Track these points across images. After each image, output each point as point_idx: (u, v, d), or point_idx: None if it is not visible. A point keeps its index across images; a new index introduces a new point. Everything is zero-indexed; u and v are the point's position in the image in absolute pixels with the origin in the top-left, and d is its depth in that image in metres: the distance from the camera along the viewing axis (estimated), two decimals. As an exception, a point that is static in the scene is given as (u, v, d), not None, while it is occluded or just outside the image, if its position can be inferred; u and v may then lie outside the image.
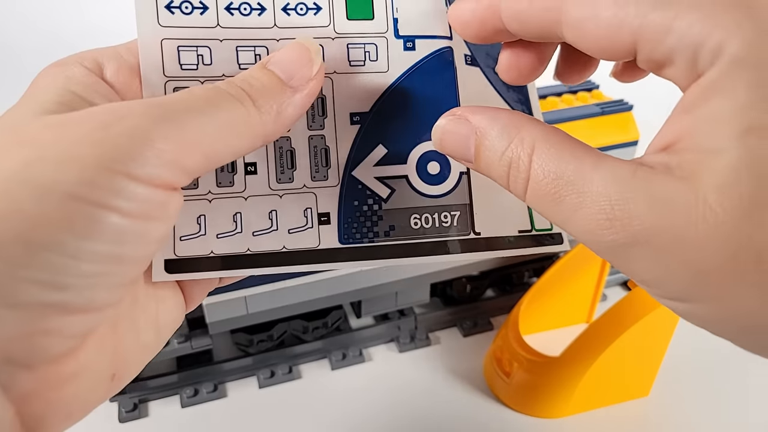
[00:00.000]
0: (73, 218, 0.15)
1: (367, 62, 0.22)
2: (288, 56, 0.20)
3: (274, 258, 0.21)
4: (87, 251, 0.16)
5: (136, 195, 0.16)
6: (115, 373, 0.20)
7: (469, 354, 0.46)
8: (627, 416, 0.41)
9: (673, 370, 0.43)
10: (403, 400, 0.42)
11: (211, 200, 0.21)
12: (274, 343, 0.44)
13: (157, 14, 0.20)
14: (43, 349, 0.16)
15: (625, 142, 0.45)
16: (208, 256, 0.21)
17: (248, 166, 0.22)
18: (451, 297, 0.49)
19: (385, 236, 0.22)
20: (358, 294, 0.43)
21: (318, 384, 0.44)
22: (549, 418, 0.41)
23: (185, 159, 0.17)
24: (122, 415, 0.41)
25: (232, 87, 0.19)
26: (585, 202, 0.17)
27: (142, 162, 0.16)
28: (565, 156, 0.17)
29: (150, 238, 0.17)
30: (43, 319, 0.16)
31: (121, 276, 0.17)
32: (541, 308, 0.46)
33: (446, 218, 0.22)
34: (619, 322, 0.37)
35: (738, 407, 0.42)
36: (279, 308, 0.41)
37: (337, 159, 0.22)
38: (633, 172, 0.16)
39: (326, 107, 0.22)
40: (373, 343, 0.46)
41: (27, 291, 0.15)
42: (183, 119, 0.17)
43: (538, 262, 0.49)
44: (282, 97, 0.19)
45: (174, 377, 0.42)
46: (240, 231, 0.21)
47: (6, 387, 0.16)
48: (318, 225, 0.22)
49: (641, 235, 0.16)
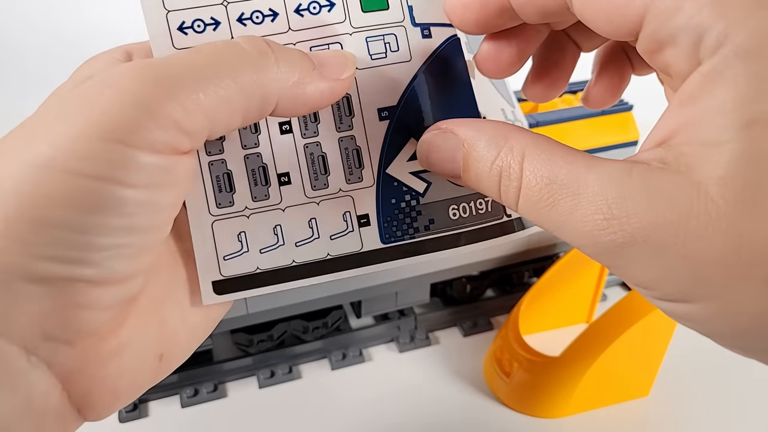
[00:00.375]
0: (74, 193, 0.15)
1: (388, 53, 0.22)
2: (324, 53, 0.20)
3: (320, 266, 0.21)
4: (95, 225, 0.16)
5: (137, 163, 0.16)
6: (162, 354, 0.20)
7: (469, 354, 0.46)
8: (627, 416, 0.41)
9: (673, 370, 0.43)
10: (403, 400, 0.42)
11: (249, 216, 0.21)
12: (274, 343, 0.44)
13: (171, 38, 0.20)
14: (79, 323, 0.16)
15: (625, 142, 0.45)
16: (254, 272, 0.21)
17: (281, 176, 0.21)
18: (451, 297, 0.49)
19: (425, 230, 0.22)
20: (358, 294, 0.43)
21: (318, 384, 0.44)
22: (549, 418, 0.41)
23: (186, 121, 0.16)
24: (122, 415, 0.41)
25: (250, 42, 0.18)
26: (580, 203, 0.16)
27: (137, 129, 0.16)
28: (556, 160, 0.17)
29: (159, 206, 0.17)
30: (71, 292, 0.16)
31: (138, 246, 0.17)
32: (541, 308, 0.46)
33: (481, 205, 0.22)
34: (619, 322, 0.37)
35: (738, 407, 0.42)
36: (279, 308, 0.41)
37: (370, 158, 0.22)
38: (629, 171, 0.16)
39: (352, 106, 0.22)
40: (373, 343, 0.46)
41: (43, 267, 0.15)
42: (181, 78, 0.17)
43: (538, 262, 0.49)
44: (308, 71, 0.19)
45: (174, 377, 0.42)
46: (282, 243, 0.21)
47: (50, 363, 0.16)
48: (359, 228, 0.22)
49: (640, 233, 0.15)
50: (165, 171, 0.17)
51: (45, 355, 0.16)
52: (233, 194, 0.21)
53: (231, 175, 0.21)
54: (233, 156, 0.21)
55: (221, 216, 0.21)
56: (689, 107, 0.16)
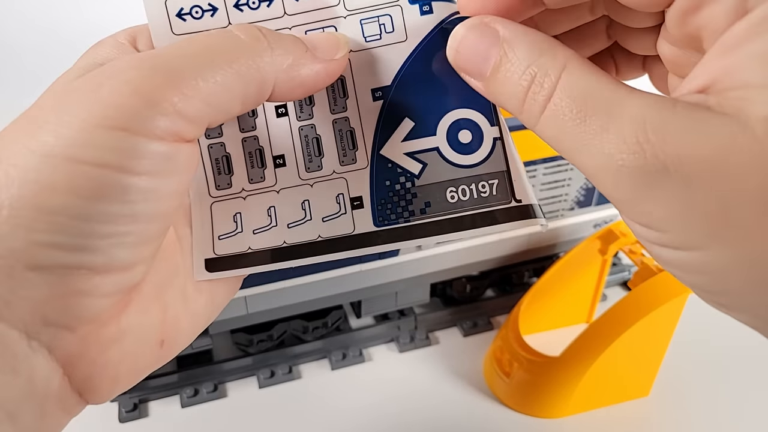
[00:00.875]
0: (76, 181, 0.16)
1: (383, 35, 0.21)
2: (316, 36, 0.20)
3: (310, 248, 0.21)
4: (98, 212, 0.16)
5: (139, 151, 0.16)
6: (164, 339, 0.20)
7: (469, 354, 0.46)
8: (627, 416, 0.41)
9: (673, 370, 0.43)
10: (403, 400, 0.42)
11: (245, 197, 0.21)
12: (274, 343, 0.44)
13: (170, 24, 0.20)
14: (80, 309, 0.17)
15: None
16: (246, 252, 0.21)
17: (277, 159, 0.22)
18: (451, 297, 0.49)
19: (421, 214, 0.21)
20: (358, 294, 0.43)
21: (318, 384, 0.44)
22: (549, 418, 0.41)
23: (187, 108, 0.17)
24: (122, 415, 0.41)
25: (245, 30, 0.18)
26: (615, 122, 0.15)
27: (138, 116, 0.16)
28: (599, 77, 0.16)
29: (161, 194, 0.17)
30: (72, 280, 0.16)
31: (140, 234, 0.17)
32: (541, 308, 0.46)
33: (484, 188, 0.21)
34: (619, 322, 0.37)
35: (738, 407, 0.42)
36: (279, 308, 0.41)
37: (364, 140, 0.22)
38: (673, 102, 0.15)
39: (346, 87, 0.22)
40: (373, 343, 0.46)
41: (47, 254, 0.16)
42: (178, 66, 0.17)
43: (538, 262, 0.49)
44: (301, 54, 0.19)
45: (174, 377, 0.42)
46: (275, 224, 0.21)
47: (51, 348, 0.16)
48: (351, 210, 0.21)
49: (673, 162, 0.15)
50: (168, 158, 0.17)
51: (46, 340, 0.16)
52: (231, 176, 0.21)
53: (229, 157, 0.21)
54: (232, 139, 0.21)
55: (220, 198, 0.21)
56: (733, 55, 0.15)
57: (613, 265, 0.51)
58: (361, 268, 0.42)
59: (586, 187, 0.46)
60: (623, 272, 0.52)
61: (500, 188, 0.21)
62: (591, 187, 0.46)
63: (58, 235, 0.16)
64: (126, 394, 0.41)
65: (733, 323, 0.19)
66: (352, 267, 0.41)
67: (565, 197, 0.45)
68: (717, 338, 0.46)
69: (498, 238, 0.45)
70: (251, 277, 0.39)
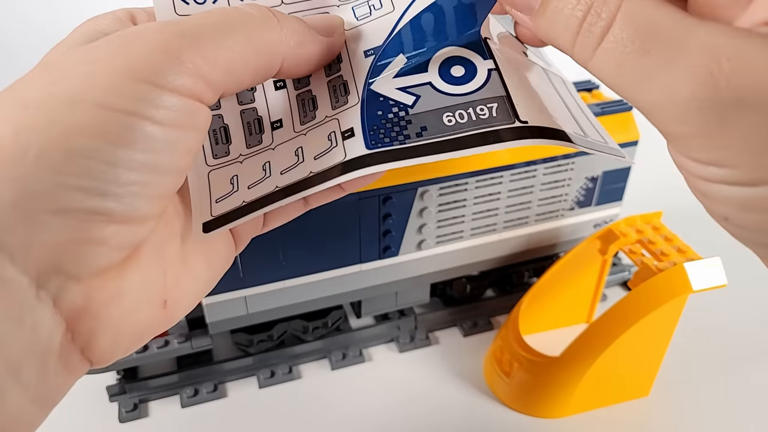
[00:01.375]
0: (105, 126, 0.16)
1: (373, 12, 0.22)
2: (314, 17, 0.22)
3: (300, 185, 0.21)
4: (123, 158, 0.16)
5: (164, 103, 0.17)
6: (167, 300, 0.20)
7: (469, 354, 0.46)
8: (627, 416, 0.41)
9: (674, 371, 0.43)
10: (403, 400, 0.42)
11: (242, 161, 0.22)
12: (274, 343, 0.44)
13: (174, 6, 0.21)
14: (90, 258, 0.17)
15: (626, 142, 0.45)
16: (240, 206, 0.21)
17: (274, 123, 0.22)
18: (451, 297, 0.49)
19: (417, 137, 0.20)
20: (358, 294, 0.43)
21: (318, 384, 0.44)
22: (549, 418, 0.41)
23: (207, 71, 0.18)
24: (122, 415, 0.41)
25: (255, 7, 0.20)
26: (683, 53, 0.15)
27: (164, 72, 0.17)
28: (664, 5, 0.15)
29: (182, 148, 0.18)
30: (89, 226, 0.16)
31: (159, 186, 0.18)
32: (541, 308, 0.46)
33: (483, 111, 0.20)
34: (619, 322, 0.37)
35: (738, 407, 0.42)
36: (279, 308, 0.41)
37: (356, 85, 0.22)
38: (746, 32, 0.14)
39: (341, 55, 0.22)
40: (373, 343, 0.46)
41: (70, 197, 0.16)
42: (201, 33, 0.18)
43: (538, 262, 0.49)
44: (305, 30, 0.20)
45: (174, 377, 0.42)
46: (269, 175, 0.22)
47: (56, 299, 0.17)
48: (343, 141, 0.21)
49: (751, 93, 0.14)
50: (189, 113, 0.18)
51: (53, 289, 0.17)
52: (229, 145, 0.22)
53: (227, 128, 0.22)
54: (230, 111, 0.22)
55: (217, 165, 0.22)
56: None
57: (613, 265, 0.51)
58: (361, 268, 0.42)
59: (586, 187, 0.46)
60: (623, 272, 0.52)
61: (500, 110, 0.20)
62: (591, 187, 0.46)
63: (84, 179, 0.16)
64: (126, 394, 0.41)
65: (733, 323, 0.19)
66: (352, 267, 0.41)
67: (565, 197, 0.45)
68: (717, 338, 0.46)
69: (498, 238, 0.45)
70: (251, 277, 0.39)
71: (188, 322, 0.43)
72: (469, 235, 0.44)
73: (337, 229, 0.39)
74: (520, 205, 0.44)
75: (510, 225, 0.45)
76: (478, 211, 0.43)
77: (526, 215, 0.45)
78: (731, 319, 0.48)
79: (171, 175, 0.18)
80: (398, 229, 0.41)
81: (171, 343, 0.41)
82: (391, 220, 0.40)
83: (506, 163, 0.41)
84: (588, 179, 0.45)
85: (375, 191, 0.39)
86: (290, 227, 0.38)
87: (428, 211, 0.41)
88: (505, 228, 0.45)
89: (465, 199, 0.42)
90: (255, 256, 0.38)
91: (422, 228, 0.41)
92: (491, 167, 0.41)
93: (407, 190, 0.39)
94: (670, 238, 0.40)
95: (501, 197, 0.43)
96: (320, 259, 0.40)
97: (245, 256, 0.38)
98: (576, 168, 0.44)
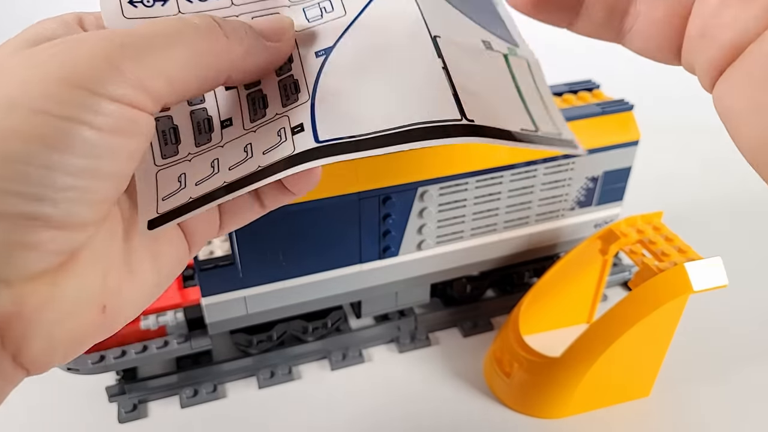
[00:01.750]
0: (41, 130, 0.16)
1: (324, 15, 0.22)
2: (263, 20, 0.22)
3: (248, 179, 0.21)
4: (60, 162, 0.16)
5: (102, 109, 0.17)
6: (106, 305, 0.20)
7: (469, 354, 0.46)
8: (627, 417, 0.41)
9: (674, 371, 0.43)
10: (403, 400, 0.42)
11: (191, 159, 0.22)
12: (274, 344, 0.44)
13: (121, 8, 0.21)
14: (22, 263, 0.17)
15: (626, 142, 0.45)
16: (187, 203, 0.21)
17: (224, 122, 0.22)
18: (451, 297, 0.49)
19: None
20: (358, 294, 0.43)
21: (318, 384, 0.44)
22: (549, 419, 0.41)
23: (148, 82, 0.18)
24: (122, 416, 0.41)
25: (200, 18, 0.20)
26: None
27: (104, 80, 0.17)
28: None
29: (123, 153, 0.18)
30: (23, 231, 0.16)
31: (99, 192, 0.18)
32: (542, 308, 0.46)
33: None
34: (619, 322, 0.37)
35: (738, 407, 0.42)
36: (279, 308, 0.41)
37: (306, 83, 0.22)
38: None
39: (292, 56, 0.22)
40: (373, 343, 0.46)
41: (4, 201, 0.16)
42: (144, 44, 0.18)
43: (538, 262, 0.49)
44: (252, 39, 0.20)
45: (174, 378, 0.42)
46: (218, 172, 0.21)
47: None
48: (292, 136, 0.21)
49: None
50: (129, 120, 0.17)
51: None
52: (178, 145, 0.22)
53: (177, 129, 0.22)
54: (179, 112, 0.22)
55: (165, 165, 0.22)
56: None
57: (614, 266, 0.51)
58: (361, 269, 0.42)
59: (587, 187, 0.46)
60: (624, 272, 0.52)
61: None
62: (591, 187, 0.46)
63: (19, 183, 0.16)
64: (126, 395, 0.41)
65: (734, 323, 0.19)
66: (352, 267, 0.41)
67: (565, 197, 0.45)
68: (717, 338, 0.46)
69: (498, 238, 0.45)
70: (251, 277, 0.39)
71: (188, 322, 0.43)
72: (470, 236, 0.44)
73: (337, 230, 0.39)
74: (521, 205, 0.44)
75: (510, 225, 0.45)
76: (478, 211, 0.43)
77: (526, 215, 0.45)
78: (731, 319, 0.48)
79: (112, 180, 0.18)
80: (398, 229, 0.41)
81: (170, 344, 0.41)
82: (391, 220, 0.40)
83: (506, 162, 0.41)
84: (588, 179, 0.45)
85: (375, 191, 0.39)
86: (290, 227, 0.39)
87: (428, 211, 0.41)
88: (505, 228, 0.45)
89: (465, 199, 0.42)
90: (255, 257, 0.38)
91: (422, 228, 0.41)
92: (491, 167, 0.41)
93: (407, 190, 0.39)
94: (670, 238, 0.39)
95: (501, 197, 0.43)
96: (320, 260, 0.40)
97: (245, 257, 0.38)
98: (576, 168, 0.44)
